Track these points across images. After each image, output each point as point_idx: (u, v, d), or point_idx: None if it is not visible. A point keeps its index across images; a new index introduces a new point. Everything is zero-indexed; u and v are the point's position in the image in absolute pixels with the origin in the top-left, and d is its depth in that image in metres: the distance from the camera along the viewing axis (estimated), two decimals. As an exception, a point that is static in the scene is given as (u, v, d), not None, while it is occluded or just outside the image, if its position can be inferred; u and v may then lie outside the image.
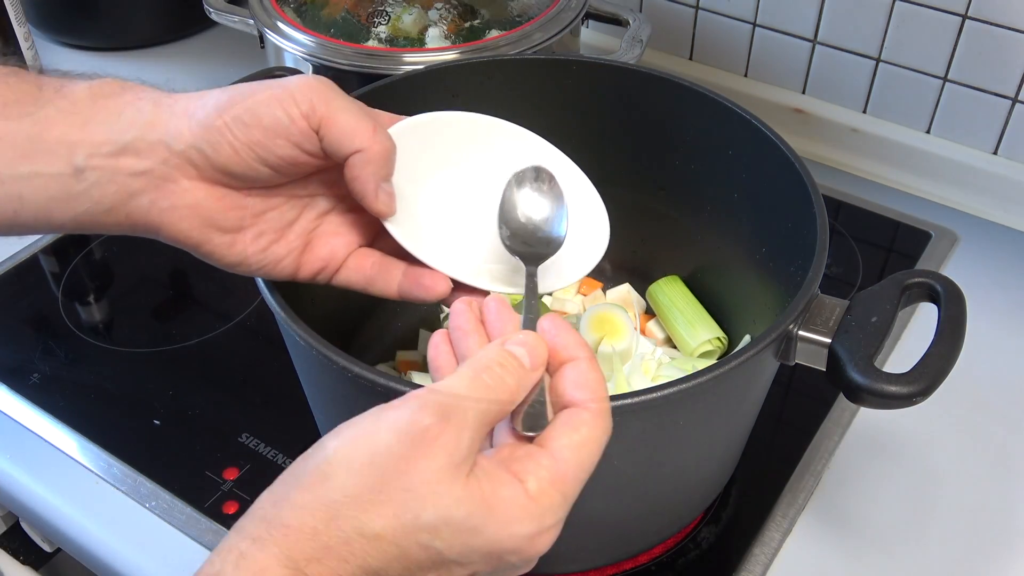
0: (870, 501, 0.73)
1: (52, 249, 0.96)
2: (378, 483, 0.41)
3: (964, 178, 0.99)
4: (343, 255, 0.56)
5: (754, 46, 1.06)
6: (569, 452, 0.44)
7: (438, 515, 0.41)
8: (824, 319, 0.58)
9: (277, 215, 0.54)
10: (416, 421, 0.42)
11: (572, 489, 0.44)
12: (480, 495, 0.42)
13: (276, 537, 0.40)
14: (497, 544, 0.42)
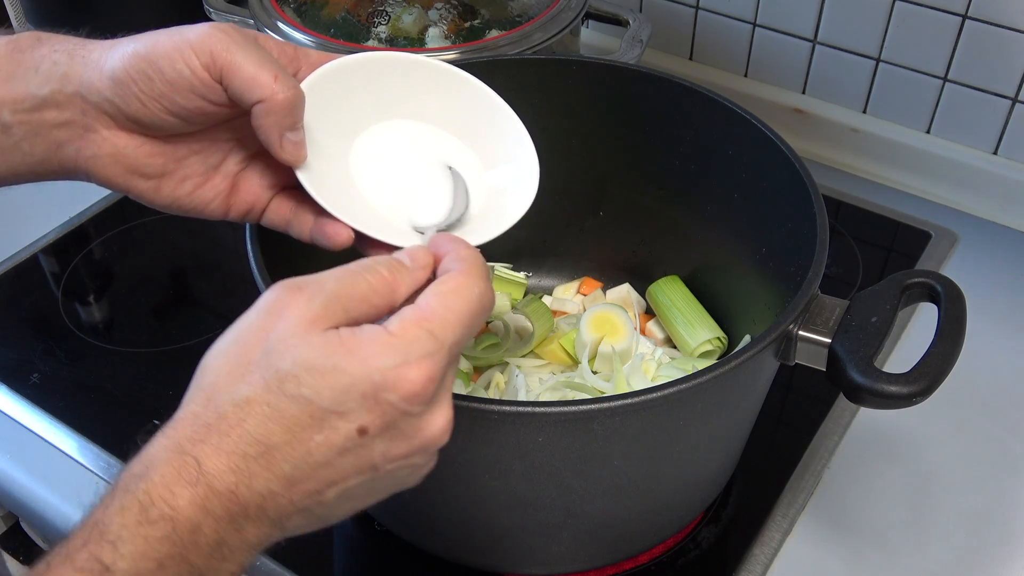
0: (870, 501, 0.73)
1: (52, 249, 0.96)
2: (242, 356, 0.43)
3: (964, 178, 0.99)
4: (267, 197, 0.57)
5: (754, 46, 1.06)
6: (435, 299, 0.44)
7: (296, 362, 0.42)
8: (824, 319, 0.58)
9: (200, 160, 0.55)
10: (272, 298, 0.44)
11: (441, 328, 0.43)
12: (338, 340, 0.42)
13: (165, 432, 0.42)
14: (365, 380, 0.42)
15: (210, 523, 0.41)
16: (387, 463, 0.44)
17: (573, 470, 0.57)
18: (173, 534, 0.40)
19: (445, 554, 0.68)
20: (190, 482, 0.41)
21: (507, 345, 0.79)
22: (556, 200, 0.83)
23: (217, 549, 0.41)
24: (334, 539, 0.73)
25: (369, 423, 0.43)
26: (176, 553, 0.40)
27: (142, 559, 0.39)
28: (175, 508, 0.40)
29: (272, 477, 0.42)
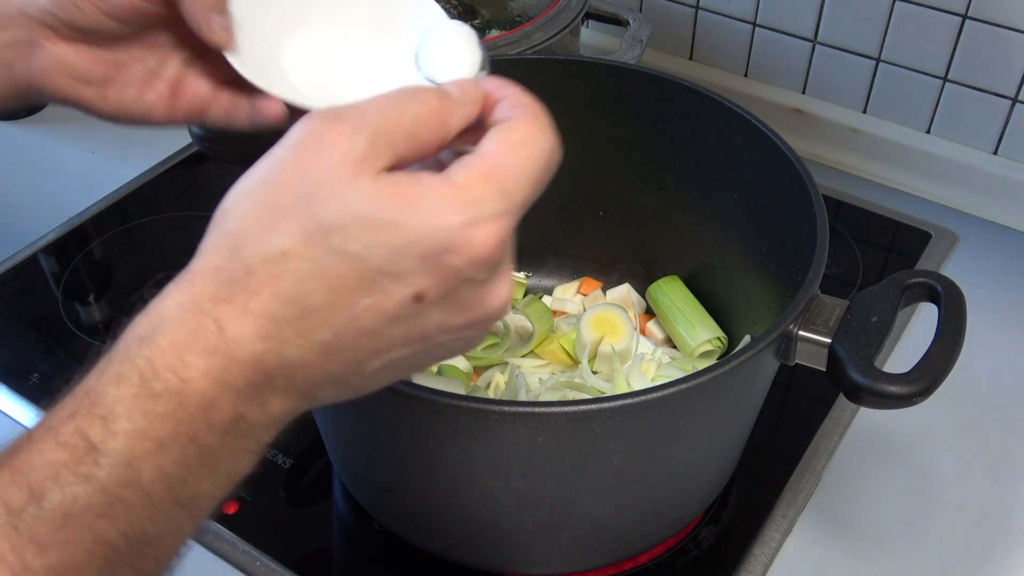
0: (870, 501, 0.73)
1: (52, 249, 0.96)
2: (274, 199, 0.36)
3: (964, 178, 0.99)
4: (207, 97, 0.59)
5: (754, 46, 1.06)
6: (503, 149, 0.39)
7: (344, 211, 0.35)
8: (824, 319, 0.58)
9: (141, 66, 0.57)
10: (305, 131, 0.37)
11: (512, 184, 0.38)
12: (394, 188, 0.36)
13: (180, 286, 0.37)
14: (426, 239, 0.36)
15: (227, 398, 0.35)
16: (441, 335, 0.39)
17: (573, 470, 0.57)
18: (179, 410, 0.34)
19: (445, 554, 0.68)
20: (207, 350, 0.35)
21: (507, 345, 0.79)
22: (556, 200, 0.83)
23: (233, 426, 0.36)
24: (334, 539, 0.73)
25: (427, 289, 0.37)
26: (182, 432, 0.35)
27: (138, 439, 0.34)
28: (185, 380, 0.35)
29: (308, 345, 0.36)
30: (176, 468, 0.35)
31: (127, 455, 0.34)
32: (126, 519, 0.34)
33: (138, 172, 1.04)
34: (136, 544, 0.34)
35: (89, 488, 0.33)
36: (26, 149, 1.08)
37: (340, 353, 0.37)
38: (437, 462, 0.58)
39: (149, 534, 0.34)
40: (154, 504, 0.34)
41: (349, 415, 0.63)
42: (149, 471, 0.34)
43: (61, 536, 0.32)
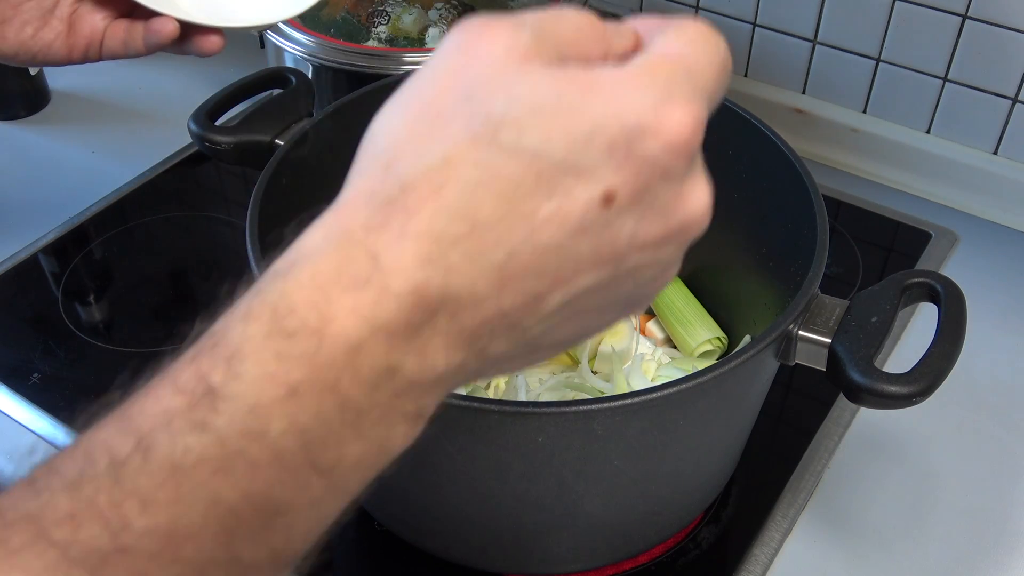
0: (870, 501, 0.73)
1: (52, 249, 0.96)
2: (431, 107, 0.31)
3: (964, 178, 0.99)
4: (102, 29, 0.61)
5: (754, 46, 1.06)
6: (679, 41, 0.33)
7: (514, 103, 0.30)
8: (824, 319, 0.58)
9: (35, 4, 0.59)
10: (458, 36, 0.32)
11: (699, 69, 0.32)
12: (569, 75, 0.31)
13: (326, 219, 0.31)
14: (614, 123, 0.30)
15: (378, 342, 0.29)
16: (633, 253, 0.33)
17: (573, 470, 0.57)
18: (318, 354, 0.29)
19: (445, 554, 0.68)
20: (356, 283, 0.29)
21: (507, 345, 0.79)
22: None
23: (386, 379, 0.30)
24: (334, 539, 0.73)
25: (617, 186, 0.31)
26: (319, 379, 0.29)
27: (266, 383, 0.28)
28: (326, 319, 0.29)
29: (478, 271, 0.30)
30: (313, 423, 0.29)
31: (252, 401, 0.28)
32: (249, 478, 0.28)
33: (138, 172, 1.04)
34: (262, 511, 0.29)
35: (204, 438, 0.28)
36: (26, 149, 1.08)
37: (516, 281, 0.31)
38: (437, 462, 0.58)
39: (279, 501, 0.29)
40: (285, 464, 0.29)
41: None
42: (279, 422, 0.28)
43: (168, 492, 0.27)
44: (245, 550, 0.29)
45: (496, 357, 0.33)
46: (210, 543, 0.28)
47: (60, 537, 0.26)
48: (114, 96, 1.15)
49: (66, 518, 0.27)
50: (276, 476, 0.29)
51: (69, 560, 0.26)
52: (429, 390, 0.31)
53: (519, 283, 0.31)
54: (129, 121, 1.12)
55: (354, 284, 0.29)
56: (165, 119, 1.11)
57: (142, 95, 1.15)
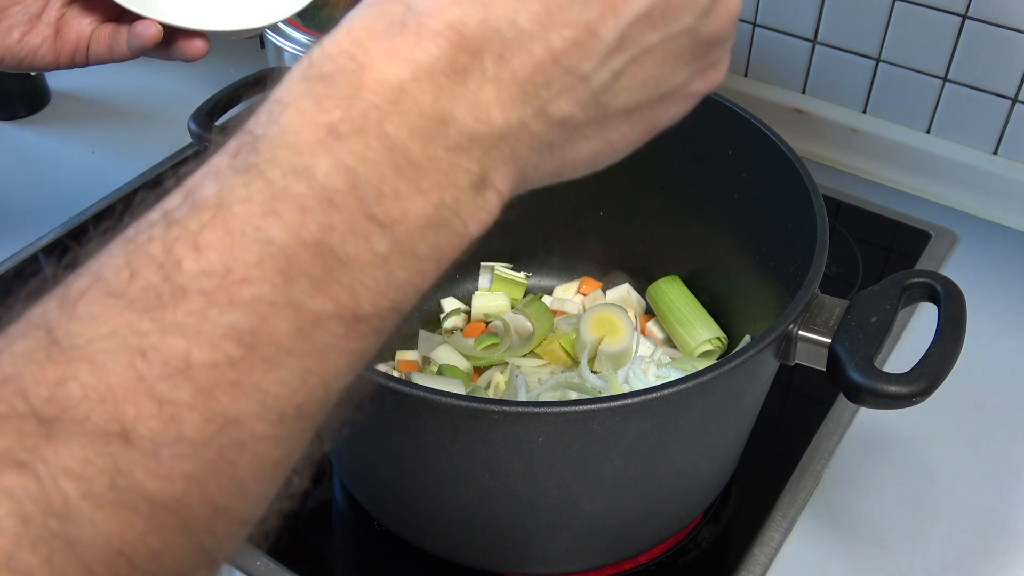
0: (870, 501, 0.73)
1: (52, 248, 0.96)
2: None
3: (964, 178, 0.99)
4: (88, 33, 0.62)
5: (754, 46, 1.06)
6: None
7: None
8: (824, 319, 0.58)
9: (21, 9, 0.60)
10: None
11: None
12: None
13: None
14: None
15: (424, 85, 0.28)
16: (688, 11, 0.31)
17: (573, 470, 0.57)
18: (357, 95, 0.27)
19: (445, 554, 0.68)
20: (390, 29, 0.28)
21: (507, 345, 0.79)
22: (556, 200, 0.83)
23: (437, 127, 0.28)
24: (334, 539, 0.73)
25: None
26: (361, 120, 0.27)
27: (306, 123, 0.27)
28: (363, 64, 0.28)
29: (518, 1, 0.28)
30: (361, 166, 0.27)
31: (292, 140, 0.27)
32: (300, 220, 0.27)
33: (138, 172, 1.04)
34: (320, 258, 0.27)
35: (247, 178, 0.27)
36: (26, 149, 1.08)
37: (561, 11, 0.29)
38: (437, 462, 0.58)
39: (337, 250, 0.27)
40: (337, 207, 0.27)
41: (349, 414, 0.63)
42: (324, 163, 0.27)
43: (217, 233, 0.26)
44: (307, 298, 0.27)
45: (563, 120, 0.31)
46: (267, 286, 0.26)
47: (117, 286, 0.26)
48: (114, 96, 1.15)
49: (123, 267, 0.27)
50: (329, 219, 0.27)
51: (129, 305, 0.26)
52: (491, 149, 0.29)
53: (565, 13, 0.29)
54: (129, 121, 1.12)
55: (389, 30, 0.28)
56: (165, 119, 1.11)
57: (142, 95, 1.15)
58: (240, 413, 0.26)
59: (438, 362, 0.78)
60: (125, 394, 0.25)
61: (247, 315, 0.26)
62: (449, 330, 0.84)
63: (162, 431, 0.25)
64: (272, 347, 0.26)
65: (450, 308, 0.85)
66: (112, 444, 0.25)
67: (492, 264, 0.86)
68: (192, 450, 0.25)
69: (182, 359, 0.25)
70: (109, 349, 0.25)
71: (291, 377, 0.27)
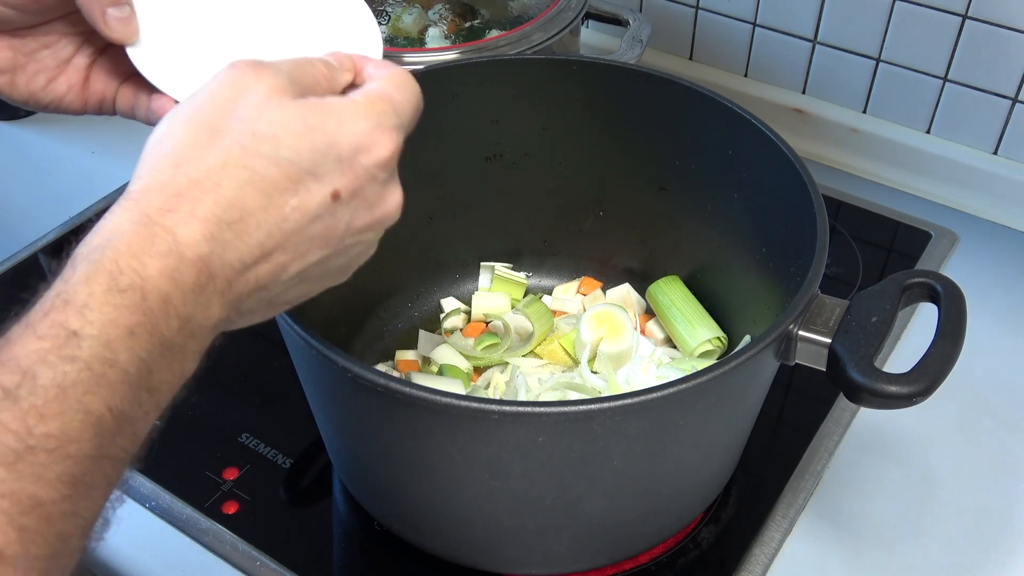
0: (870, 501, 0.73)
1: (52, 249, 0.96)
2: (208, 125, 0.42)
3: (964, 178, 0.99)
4: (116, 87, 0.59)
5: (754, 46, 1.06)
6: (387, 84, 0.47)
7: (274, 124, 0.42)
8: (824, 319, 0.58)
9: (50, 54, 0.57)
10: (233, 74, 0.44)
11: (400, 107, 0.46)
12: (313, 105, 0.44)
13: (124, 204, 0.41)
14: (343, 141, 0.44)
15: (180, 296, 0.40)
16: (348, 236, 0.46)
17: (573, 470, 0.57)
18: (143, 304, 0.39)
19: (445, 554, 0.68)
20: (161, 252, 0.40)
21: (507, 345, 0.79)
22: (556, 200, 0.83)
23: (186, 325, 0.40)
24: (334, 539, 0.73)
25: (342, 187, 0.44)
26: (147, 323, 0.39)
27: (111, 326, 0.38)
28: (145, 278, 0.39)
29: (245, 246, 0.42)
30: (145, 355, 0.39)
31: (104, 339, 0.38)
32: (110, 395, 0.38)
33: (138, 172, 1.04)
34: (118, 420, 0.38)
35: (75, 366, 0.37)
36: (26, 149, 1.08)
37: (270, 255, 0.43)
38: (437, 462, 0.58)
39: (127, 413, 0.38)
40: (130, 385, 0.38)
41: (349, 415, 0.63)
42: (124, 354, 0.38)
43: (56, 407, 0.36)
44: (109, 448, 0.38)
45: (246, 311, 0.44)
46: (88, 444, 0.37)
47: None
48: (114, 96, 1.15)
49: None
50: (126, 394, 0.38)
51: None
52: (207, 334, 0.42)
53: (272, 256, 0.43)
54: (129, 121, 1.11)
55: (160, 253, 0.39)
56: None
57: (142, 95, 1.15)
58: (68, 532, 0.37)
59: (438, 362, 0.78)
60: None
61: (74, 465, 0.36)
62: (449, 330, 0.84)
63: (22, 552, 0.35)
64: (87, 485, 0.37)
65: (450, 308, 0.85)
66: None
67: (492, 264, 0.86)
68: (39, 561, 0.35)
69: (33, 499, 0.35)
70: None
71: (96, 503, 0.38)
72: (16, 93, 0.57)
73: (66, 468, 0.36)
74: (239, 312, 0.44)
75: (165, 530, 0.71)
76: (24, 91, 0.57)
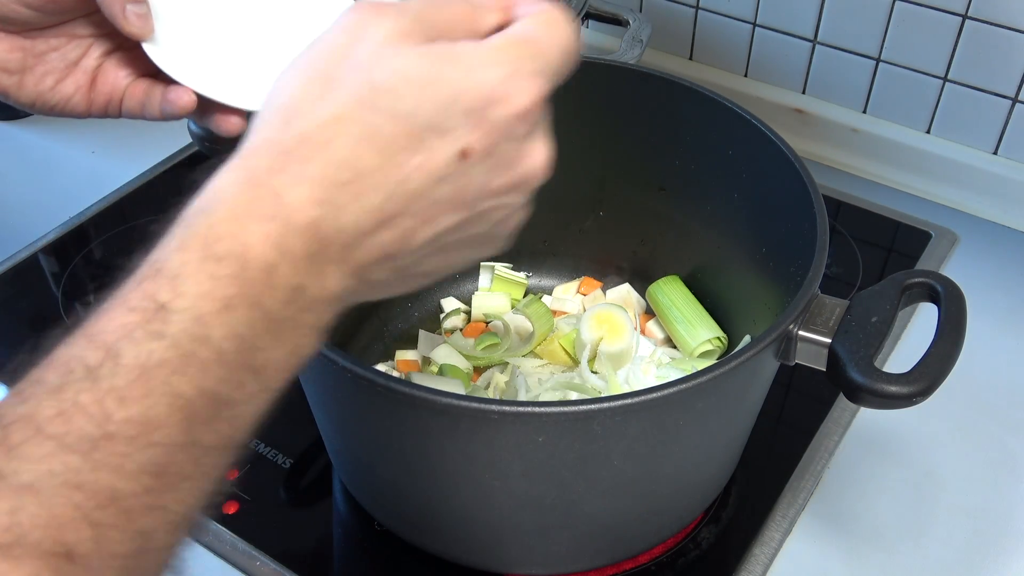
0: (870, 501, 0.73)
1: (52, 249, 0.96)
2: (325, 72, 0.38)
3: (964, 178, 0.99)
4: (124, 87, 0.59)
5: (754, 46, 1.06)
6: (534, 24, 0.41)
7: (393, 74, 0.37)
8: (824, 319, 0.58)
9: (59, 55, 0.57)
10: (353, 17, 0.40)
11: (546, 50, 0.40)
12: (438, 51, 0.38)
13: (232, 165, 0.38)
14: (471, 92, 0.38)
15: (287, 265, 0.36)
16: (484, 199, 0.40)
17: (573, 470, 0.57)
18: (243, 274, 0.35)
19: (445, 554, 0.68)
20: (265, 217, 0.36)
21: (507, 345, 0.79)
22: (556, 200, 0.83)
23: (295, 296, 0.36)
24: (334, 539, 0.73)
25: (471, 144, 0.38)
26: (246, 294, 0.35)
27: (205, 299, 0.34)
28: (246, 245, 0.35)
29: (361, 210, 0.37)
30: (245, 330, 0.35)
31: (195, 312, 0.34)
32: (200, 376, 0.34)
33: (138, 172, 1.04)
34: (212, 403, 0.34)
35: (162, 344, 0.34)
36: (26, 149, 1.08)
37: (391, 220, 0.38)
38: (437, 462, 0.58)
39: (224, 396, 0.35)
40: (226, 364, 0.35)
41: (349, 415, 0.63)
42: (219, 330, 0.34)
43: (139, 389, 0.33)
44: (202, 435, 0.34)
45: (375, 282, 0.40)
46: (175, 429, 0.33)
47: (54, 431, 0.32)
48: (114, 96, 1.15)
49: (56, 415, 0.32)
50: (221, 374, 0.35)
51: (65, 447, 0.32)
52: (327, 307, 0.38)
53: (393, 221, 0.38)
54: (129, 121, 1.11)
55: (264, 217, 0.36)
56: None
57: (142, 95, 1.15)
58: (151, 527, 0.33)
59: (438, 362, 0.78)
60: (65, 522, 0.31)
61: (160, 453, 0.33)
62: (449, 330, 0.84)
63: (96, 550, 0.32)
64: (176, 475, 0.34)
65: (450, 308, 0.85)
66: (58, 562, 0.31)
67: (492, 264, 0.86)
68: (116, 559, 0.32)
69: (110, 491, 0.32)
70: (51, 484, 0.31)
71: (187, 496, 0.35)
72: (23, 95, 0.57)
73: (150, 457, 0.33)
74: (367, 283, 0.40)
75: (165, 530, 0.71)
76: (32, 92, 0.57)
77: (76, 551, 0.31)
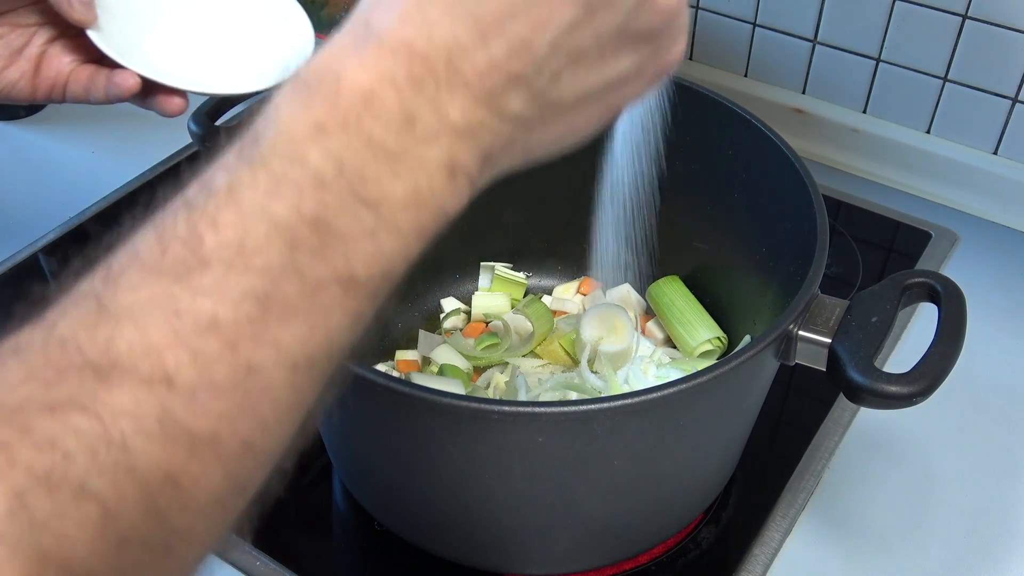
0: (870, 501, 0.73)
1: (52, 249, 0.96)
2: None
3: (964, 178, 0.99)
4: (67, 72, 0.61)
5: (754, 46, 1.06)
6: None
7: None
8: (824, 319, 0.58)
9: (3, 44, 0.59)
10: None
11: None
12: None
13: None
14: None
15: (388, 91, 0.33)
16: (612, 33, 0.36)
17: (573, 470, 0.57)
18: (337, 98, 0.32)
19: (445, 554, 0.68)
20: (356, 44, 0.33)
21: (507, 345, 0.79)
22: (556, 200, 0.83)
23: (407, 126, 0.33)
24: (334, 539, 0.73)
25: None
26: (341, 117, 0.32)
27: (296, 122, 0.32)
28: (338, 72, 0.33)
29: (454, 20, 0.33)
30: (346, 154, 0.32)
31: (285, 132, 0.32)
32: (297, 198, 0.32)
33: (138, 172, 1.04)
34: (316, 231, 0.32)
35: (252, 166, 0.32)
36: (26, 149, 1.08)
37: (494, 27, 0.33)
38: (437, 462, 0.58)
39: (331, 225, 0.32)
40: (328, 189, 0.32)
41: (349, 416, 0.63)
42: (315, 153, 0.32)
43: (231, 212, 0.31)
44: (308, 265, 0.32)
45: (519, 116, 0.35)
46: (275, 255, 0.31)
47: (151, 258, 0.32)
48: (114, 96, 1.15)
49: (155, 245, 0.32)
50: (324, 198, 0.32)
51: (162, 274, 0.31)
52: (456, 141, 0.34)
53: (498, 28, 0.34)
54: (129, 121, 1.12)
55: (355, 44, 0.33)
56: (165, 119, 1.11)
57: (142, 95, 1.15)
58: (260, 362, 0.31)
59: (438, 362, 0.78)
60: (165, 348, 0.30)
61: (260, 280, 0.31)
62: (449, 330, 0.84)
63: (197, 377, 0.30)
64: (283, 306, 0.31)
65: (450, 308, 0.85)
66: (157, 389, 0.30)
67: (492, 264, 0.86)
68: (222, 393, 0.31)
69: (210, 317, 0.30)
70: (149, 312, 0.30)
71: (300, 331, 0.32)
72: None
73: (250, 283, 0.31)
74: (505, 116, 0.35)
75: (165, 530, 0.71)
76: None
77: (176, 378, 0.30)
